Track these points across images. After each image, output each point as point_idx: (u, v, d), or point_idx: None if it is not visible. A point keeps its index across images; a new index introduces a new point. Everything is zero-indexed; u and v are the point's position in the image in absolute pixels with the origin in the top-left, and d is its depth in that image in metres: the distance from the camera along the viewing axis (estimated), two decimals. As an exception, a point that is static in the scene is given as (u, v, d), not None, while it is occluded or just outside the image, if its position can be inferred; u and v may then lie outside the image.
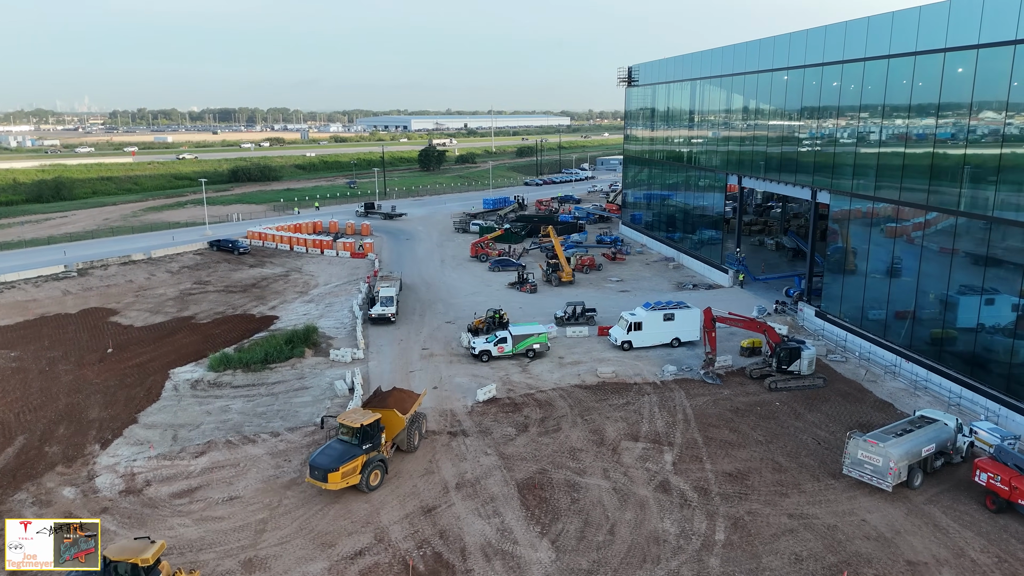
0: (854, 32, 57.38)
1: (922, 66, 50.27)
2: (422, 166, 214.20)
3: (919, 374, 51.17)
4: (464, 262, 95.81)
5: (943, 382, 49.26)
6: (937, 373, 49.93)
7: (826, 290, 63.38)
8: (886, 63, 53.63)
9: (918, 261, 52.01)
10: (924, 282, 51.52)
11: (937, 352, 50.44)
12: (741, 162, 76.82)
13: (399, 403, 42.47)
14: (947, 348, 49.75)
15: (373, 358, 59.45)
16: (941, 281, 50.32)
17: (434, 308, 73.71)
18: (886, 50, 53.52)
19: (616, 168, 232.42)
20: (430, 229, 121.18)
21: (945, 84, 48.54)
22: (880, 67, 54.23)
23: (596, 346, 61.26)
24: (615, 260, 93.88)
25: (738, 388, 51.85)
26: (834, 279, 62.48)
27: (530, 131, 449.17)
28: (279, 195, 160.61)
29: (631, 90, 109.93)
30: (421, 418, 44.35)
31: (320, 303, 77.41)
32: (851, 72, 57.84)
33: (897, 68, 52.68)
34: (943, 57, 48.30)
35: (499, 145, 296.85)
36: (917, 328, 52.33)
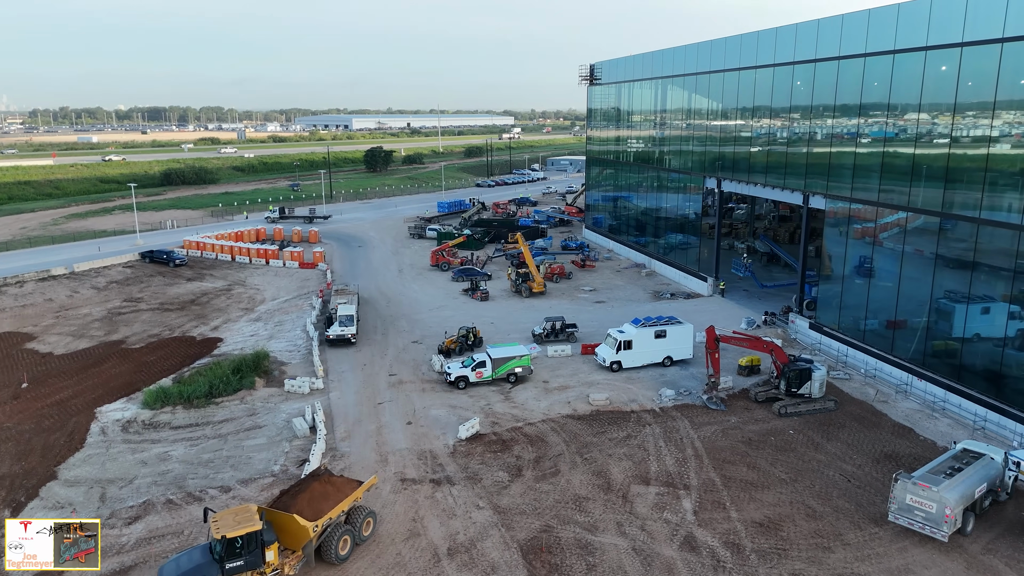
0: (852, 25, 53.54)
1: (935, 61, 46.50)
2: (368, 167, 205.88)
3: (935, 394, 47.44)
4: (424, 271, 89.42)
5: (963, 403, 45.60)
6: (956, 393, 46.23)
7: (822, 300, 59.49)
8: (891, 59, 49.82)
9: (931, 269, 48.28)
10: (938, 292, 47.81)
11: (955, 369, 46.79)
12: (721, 164, 72.68)
13: (316, 502, 32.01)
14: (967, 365, 46.10)
15: (334, 387, 52.79)
16: (958, 291, 46.65)
17: (397, 325, 67.25)
18: (891, 45, 49.70)
19: (567, 169, 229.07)
20: (383, 235, 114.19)
21: (962, 81, 44.82)
22: (885, 63, 50.40)
23: (582, 367, 55.93)
24: (584, 267, 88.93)
25: (745, 414, 47.21)
26: (831, 288, 58.63)
27: (475, 131, 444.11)
28: (217, 199, 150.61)
29: (594, 89, 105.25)
30: (360, 517, 33.22)
31: (269, 321, 70.05)
32: (849, 69, 53.97)
33: (904, 64, 48.88)
34: (960, 52, 44.55)
35: (446, 145, 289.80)
36: (930, 343, 48.60)
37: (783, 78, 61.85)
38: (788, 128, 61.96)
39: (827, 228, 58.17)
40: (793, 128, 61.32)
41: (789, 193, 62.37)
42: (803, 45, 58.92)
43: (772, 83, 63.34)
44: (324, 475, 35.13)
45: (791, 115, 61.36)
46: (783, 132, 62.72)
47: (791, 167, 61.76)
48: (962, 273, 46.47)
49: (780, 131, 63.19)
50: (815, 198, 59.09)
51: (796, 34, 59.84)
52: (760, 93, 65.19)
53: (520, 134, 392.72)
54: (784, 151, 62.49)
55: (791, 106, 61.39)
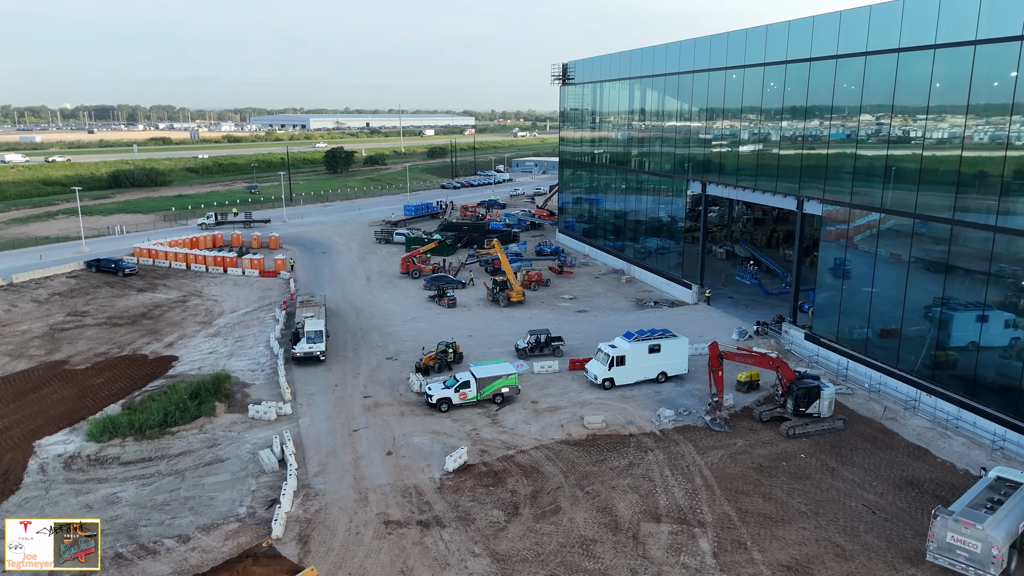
0: (850, 23, 50.98)
1: (944, 60, 44.03)
2: (329, 168, 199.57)
3: (947, 411, 44.98)
4: (394, 279, 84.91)
5: (979, 420, 43.18)
6: (969, 410, 43.79)
7: (819, 310, 56.88)
8: (896, 56, 47.31)
9: (940, 278, 45.83)
10: (949, 302, 45.35)
11: (968, 385, 44.36)
12: (706, 167, 69.83)
13: None
14: (982, 380, 43.71)
15: (304, 412, 48.23)
16: (973, 301, 44.28)
17: (369, 340, 62.79)
18: (895, 43, 47.19)
19: (532, 170, 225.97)
20: (348, 240, 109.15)
21: (975, 81, 42.40)
22: (887, 61, 47.89)
23: (571, 384, 52.34)
24: (562, 274, 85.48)
25: (751, 436, 44.11)
26: (829, 297, 56.06)
27: (436, 130, 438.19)
28: (169, 202, 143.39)
29: (567, 89, 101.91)
30: None
31: (228, 337, 64.93)
32: (848, 68, 51.40)
33: (910, 62, 46.39)
34: (973, 50, 42.12)
35: (409, 145, 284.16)
36: (940, 356, 46.12)
37: (775, 77, 59.15)
38: (781, 130, 59.24)
39: (824, 234, 55.55)
40: (787, 130, 58.62)
41: (782, 198, 59.69)
42: (796, 43, 56.29)
43: (762, 83, 60.65)
44: (258, 555, 30.53)
45: (784, 116, 58.66)
46: (775, 134, 60.00)
47: (784, 170, 59.09)
48: (975, 282, 44.09)
49: (772, 133, 60.48)
50: (810, 203, 56.48)
51: (788, 32, 57.19)
52: (750, 93, 62.46)
53: (473, 132, 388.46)
54: (776, 153, 59.79)
55: (783, 107, 58.72)
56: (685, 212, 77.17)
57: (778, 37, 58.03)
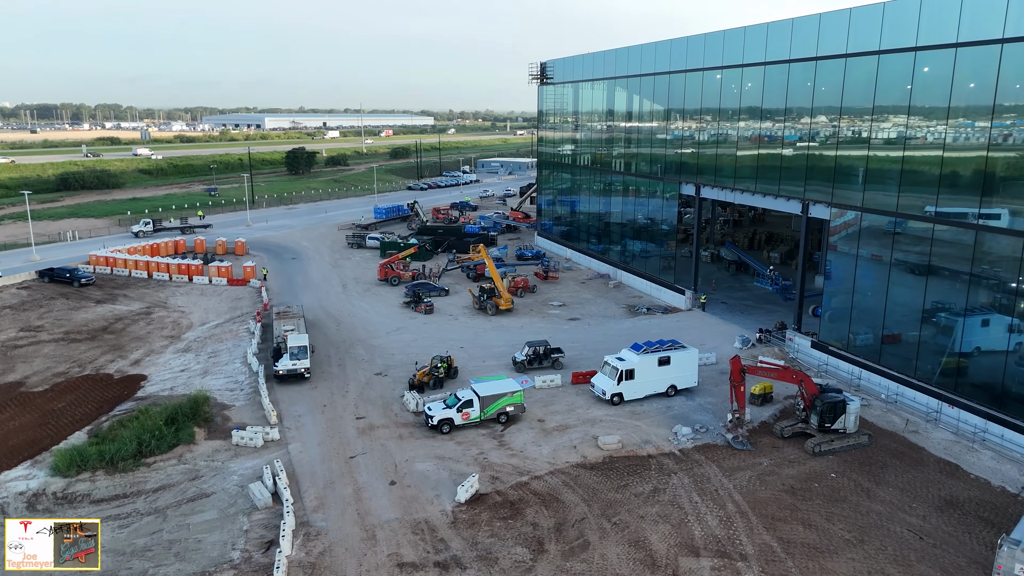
0: (861, 21, 49.20)
1: (966, 59, 42.40)
2: (290, 169, 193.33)
3: (970, 422, 43.39)
4: (372, 287, 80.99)
5: (1007, 433, 41.64)
6: (996, 422, 42.23)
7: (826, 316, 55.05)
8: (912, 55, 45.59)
9: (962, 284, 44.24)
10: (974, 309, 43.77)
11: (994, 396, 42.80)
12: (700, 170, 67.72)
13: None
14: (1009, 391, 42.15)
15: (293, 437, 44.41)
16: (999, 307, 42.75)
17: (354, 354, 59.02)
18: (912, 41, 45.48)
19: (498, 171, 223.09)
20: (318, 245, 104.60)
21: (1001, 81, 40.82)
22: (904, 60, 46.15)
23: (577, 400, 49.48)
24: (547, 279, 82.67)
25: (775, 454, 41.83)
26: (837, 304, 54.29)
27: (394, 130, 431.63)
28: (124, 206, 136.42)
29: (546, 88, 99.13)
30: None
31: (200, 352, 60.46)
32: (859, 67, 49.64)
33: (927, 61, 44.72)
34: (1000, 49, 40.52)
35: (371, 145, 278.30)
36: (961, 364, 44.51)
37: (777, 77, 57.18)
38: (784, 130, 57.30)
39: (834, 237, 53.77)
40: (791, 131, 56.70)
41: (784, 201, 57.78)
42: (800, 42, 54.40)
43: (763, 82, 58.67)
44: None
45: (788, 117, 56.75)
46: (778, 134, 58.04)
47: (788, 172, 57.19)
48: (1001, 287, 42.56)
49: (775, 134, 58.51)
50: (816, 207, 54.65)
51: (792, 30, 55.30)
52: (750, 93, 60.47)
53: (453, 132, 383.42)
54: (779, 155, 57.84)
55: (786, 108, 56.78)
56: (678, 215, 75.05)
57: (781, 35, 56.12)
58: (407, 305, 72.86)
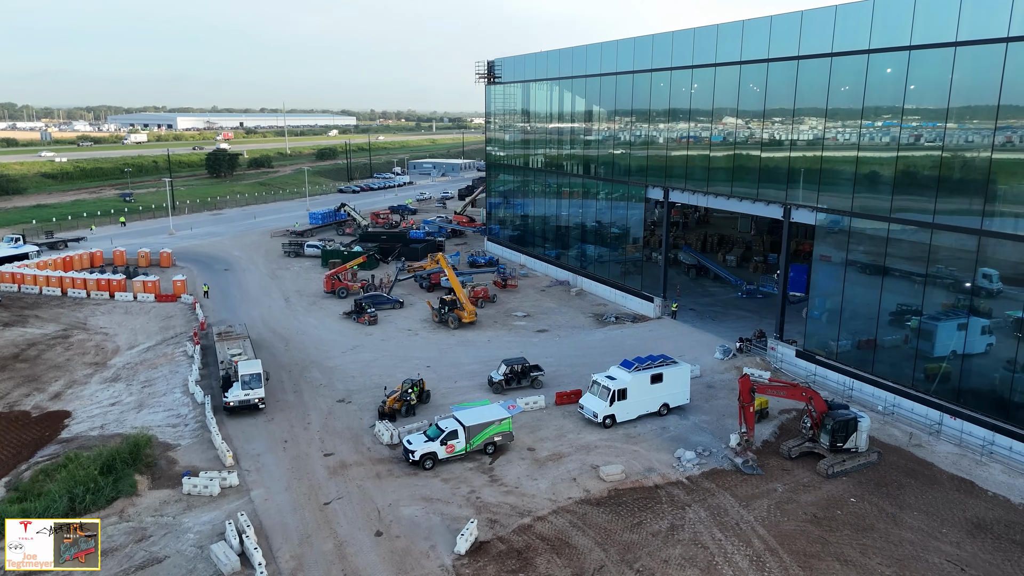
0: (847, 18, 47.41)
1: (964, 58, 40.90)
2: (211, 172, 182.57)
3: (978, 435, 41.93)
4: (318, 300, 75.13)
5: (1016, 445, 40.33)
6: (1004, 434, 40.88)
7: (812, 324, 53.20)
8: (906, 55, 43.93)
9: (966, 295, 42.81)
10: (975, 316, 42.38)
11: (999, 407, 41.45)
12: (669, 173, 65.17)
13: None
14: (1015, 401, 40.85)
15: (255, 482, 39.00)
16: (1002, 314, 41.47)
17: (309, 378, 53.61)
18: (906, 40, 43.81)
19: (431, 172, 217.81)
20: (251, 254, 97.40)
21: (1005, 81, 39.39)
22: (898, 59, 44.47)
23: (565, 423, 45.77)
24: (505, 287, 78.72)
25: (786, 478, 39.19)
26: (825, 309, 52.50)
27: (316, 130, 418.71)
28: (28, 214, 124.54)
29: (494, 88, 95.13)
30: None
31: (132, 382, 53.80)
32: (845, 66, 47.84)
33: (923, 60, 43.13)
34: (1005, 48, 39.09)
35: (294, 147, 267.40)
36: (968, 374, 43.09)
37: (753, 77, 55.01)
38: (764, 132, 55.17)
39: (818, 241, 51.93)
40: (773, 132, 54.59)
41: (764, 205, 55.68)
42: (780, 40, 52.35)
43: (739, 82, 56.44)
44: None
45: (769, 118, 54.63)
46: (757, 136, 55.89)
47: (768, 175, 55.13)
48: (1003, 294, 41.26)
49: (754, 135, 56.34)
50: (800, 211, 52.72)
51: (771, 28, 53.20)
52: (724, 93, 58.19)
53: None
54: (759, 156, 55.69)
55: (765, 108, 54.68)
56: (645, 220, 72.44)
57: (759, 33, 53.94)
58: (348, 316, 68.25)
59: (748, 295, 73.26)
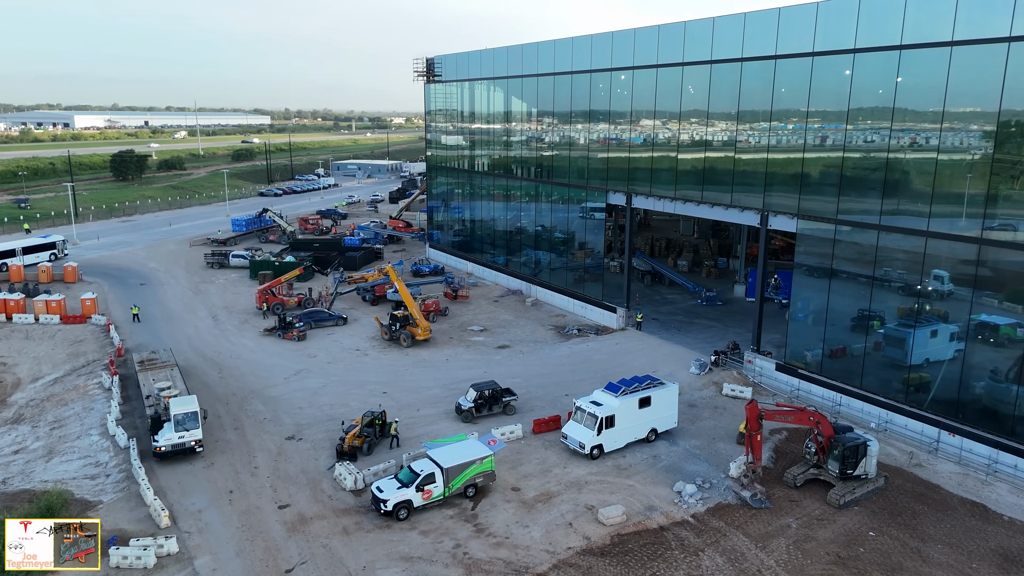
0: (831, 15, 45.08)
1: (962, 58, 38.98)
2: (117, 175, 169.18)
3: (975, 451, 40.16)
4: (250, 317, 68.25)
5: (1021, 463, 38.60)
6: (1006, 451, 39.18)
7: (793, 337, 50.79)
8: (897, 54, 41.78)
9: (966, 301, 40.96)
10: (977, 326, 40.59)
11: (1002, 423, 39.72)
12: (632, 176, 61.87)
13: None
14: (1017, 416, 39.19)
15: (199, 547, 33.02)
16: (1007, 323, 39.75)
17: (251, 411, 47.50)
18: (896, 39, 41.66)
19: (356, 174, 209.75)
20: (169, 266, 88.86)
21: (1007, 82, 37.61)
22: (886, 59, 42.30)
23: (548, 455, 41.51)
24: (456, 298, 73.84)
25: (796, 511, 36.17)
26: (805, 323, 50.17)
27: (227, 130, 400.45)
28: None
29: (434, 87, 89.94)
30: None
31: (39, 423, 46.34)
32: (829, 66, 45.50)
33: (914, 60, 41.08)
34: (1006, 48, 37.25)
35: (208, 147, 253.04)
36: (968, 388, 41.23)
37: (725, 76, 52.23)
38: (739, 134, 52.44)
39: (800, 250, 49.53)
40: (747, 133, 51.91)
41: (738, 212, 53.02)
42: (756, 37, 49.70)
43: (709, 81, 53.56)
44: None
45: (744, 119, 51.91)
46: (730, 138, 53.11)
47: (743, 179, 52.45)
48: (1005, 303, 39.58)
49: (726, 137, 53.55)
50: (778, 218, 50.22)
51: (744, 25, 50.47)
52: (693, 94, 55.21)
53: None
54: (732, 158, 52.90)
55: (738, 110, 51.95)
56: (606, 226, 68.97)
57: (731, 31, 51.15)
58: (270, 333, 62.72)
59: (708, 302, 70.96)
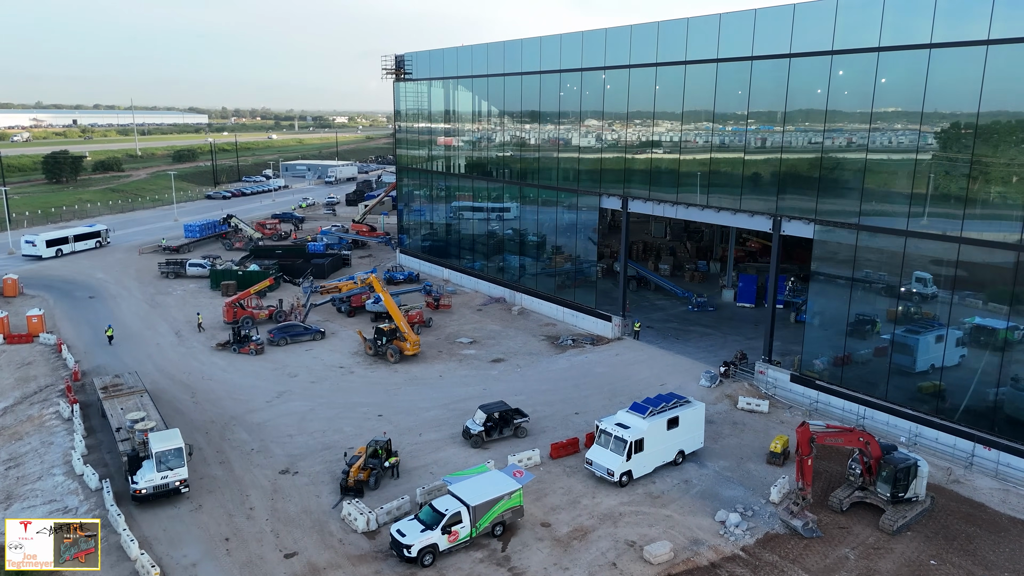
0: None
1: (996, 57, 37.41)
2: (50, 177, 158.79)
3: (1017, 466, 38.67)
4: (218, 333, 62.90)
5: (1063, 477, 37.28)
6: (1047, 464, 37.83)
7: (809, 344, 48.80)
8: (927, 53, 40.08)
9: (991, 303, 39.49)
10: (1015, 331, 39.13)
11: (1040, 435, 38.38)
12: (629, 179, 59.21)
13: None
14: (1059, 430, 37.91)
15: (199, 611, 28.69)
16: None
17: (234, 440, 42.96)
18: (926, 38, 39.93)
19: (306, 175, 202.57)
20: (120, 276, 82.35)
21: None
22: (917, 57, 40.55)
23: (572, 483, 38.32)
24: (438, 308, 69.97)
25: (849, 538, 33.88)
26: (823, 330, 48.24)
27: (163, 129, 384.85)
28: None
29: (404, 85, 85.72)
30: None
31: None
32: (851, 64, 43.60)
33: (942, 58, 39.43)
34: None
35: (146, 147, 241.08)
36: (1003, 399, 39.75)
37: (733, 75, 49.97)
38: (748, 135, 50.20)
39: (816, 256, 47.49)
40: (759, 134, 49.71)
41: (747, 217, 50.81)
42: (767, 35, 47.54)
43: (715, 79, 51.23)
44: None
45: (754, 119, 49.71)
46: (741, 139, 50.85)
47: (753, 182, 50.26)
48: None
49: (735, 139, 51.27)
50: (792, 223, 48.16)
51: (755, 21, 48.23)
52: (696, 94, 52.80)
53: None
54: (741, 160, 50.69)
55: (748, 110, 49.75)
56: (599, 230, 66.08)
57: (741, 28, 48.90)
58: (223, 347, 58.34)
59: (699, 308, 68.94)
